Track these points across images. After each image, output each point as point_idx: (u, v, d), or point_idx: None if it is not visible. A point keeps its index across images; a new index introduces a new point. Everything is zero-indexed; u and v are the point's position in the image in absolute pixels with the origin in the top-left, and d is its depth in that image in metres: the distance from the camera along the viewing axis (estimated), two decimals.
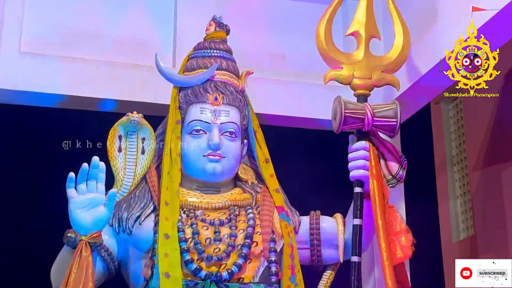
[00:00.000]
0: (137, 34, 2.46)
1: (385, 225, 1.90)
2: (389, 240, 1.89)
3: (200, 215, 1.93)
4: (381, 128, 1.98)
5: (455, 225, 3.13)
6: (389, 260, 1.86)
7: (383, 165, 1.99)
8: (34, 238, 2.53)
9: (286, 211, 2.01)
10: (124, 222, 1.91)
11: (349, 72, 2.06)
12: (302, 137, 2.64)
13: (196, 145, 1.99)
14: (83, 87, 2.30)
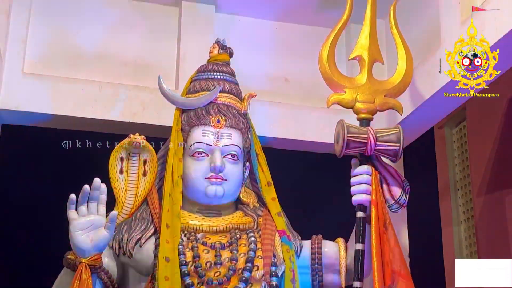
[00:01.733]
0: (140, 55, 2.49)
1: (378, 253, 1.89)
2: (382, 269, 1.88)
3: (201, 238, 1.93)
4: (383, 152, 1.99)
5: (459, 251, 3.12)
6: None
7: (385, 190, 1.99)
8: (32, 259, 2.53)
9: (287, 235, 2.01)
10: (124, 245, 1.91)
11: (352, 96, 2.07)
12: (305, 161, 2.65)
13: (198, 167, 2.00)
14: (85, 108, 2.32)
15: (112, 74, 2.42)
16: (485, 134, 2.91)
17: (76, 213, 1.75)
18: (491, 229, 2.89)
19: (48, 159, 2.59)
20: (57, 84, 2.32)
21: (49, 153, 2.53)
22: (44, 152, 2.56)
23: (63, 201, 1.77)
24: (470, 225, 3.09)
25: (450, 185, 3.21)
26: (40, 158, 2.59)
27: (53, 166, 2.56)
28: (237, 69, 2.17)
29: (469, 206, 3.12)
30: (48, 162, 2.57)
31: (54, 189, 2.12)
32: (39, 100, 2.28)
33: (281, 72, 2.58)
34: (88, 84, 2.35)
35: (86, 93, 2.34)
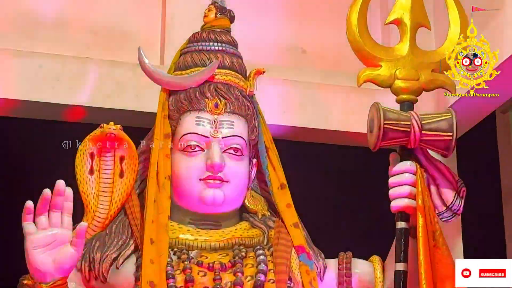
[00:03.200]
0: (115, 22, 2.49)
1: (429, 271, 1.89)
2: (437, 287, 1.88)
3: (195, 257, 1.93)
4: (431, 144, 1.97)
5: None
6: None
7: (434, 193, 1.99)
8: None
9: (307, 252, 2.01)
10: (96, 266, 1.92)
11: (390, 71, 2.06)
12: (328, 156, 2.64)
13: (191, 166, 2.00)
14: (44, 90, 2.32)
15: (78, 47, 2.42)
16: None
17: (34, 226, 1.75)
18: None
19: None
20: (7, 60, 2.32)
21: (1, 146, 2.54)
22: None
23: (16, 210, 1.77)
24: None
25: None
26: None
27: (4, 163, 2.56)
28: (240, 38, 2.16)
29: None
30: None
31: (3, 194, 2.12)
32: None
33: (296, 42, 2.58)
34: (47, 59, 2.36)
35: (45, 71, 2.34)
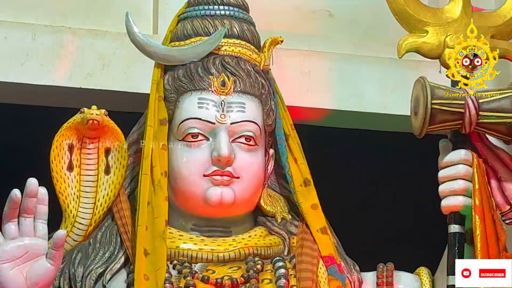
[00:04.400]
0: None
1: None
2: None
3: (200, 271, 1.94)
4: (491, 128, 1.98)
5: None
6: None
7: (495, 189, 1.98)
8: None
9: (338, 264, 2.02)
10: (79, 284, 1.92)
11: (439, 38, 2.07)
12: (362, 143, 2.64)
13: (193, 159, 2.00)
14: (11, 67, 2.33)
15: (52, 13, 2.42)
16: None
17: (1, 236, 1.76)
18: None
19: None
20: None
21: None
22: None
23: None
24: None
25: None
26: None
27: None
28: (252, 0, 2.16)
29: None
30: None
31: None
32: None
33: (321, 4, 2.56)
34: (15, 28, 2.36)
35: (12, 44, 2.34)
